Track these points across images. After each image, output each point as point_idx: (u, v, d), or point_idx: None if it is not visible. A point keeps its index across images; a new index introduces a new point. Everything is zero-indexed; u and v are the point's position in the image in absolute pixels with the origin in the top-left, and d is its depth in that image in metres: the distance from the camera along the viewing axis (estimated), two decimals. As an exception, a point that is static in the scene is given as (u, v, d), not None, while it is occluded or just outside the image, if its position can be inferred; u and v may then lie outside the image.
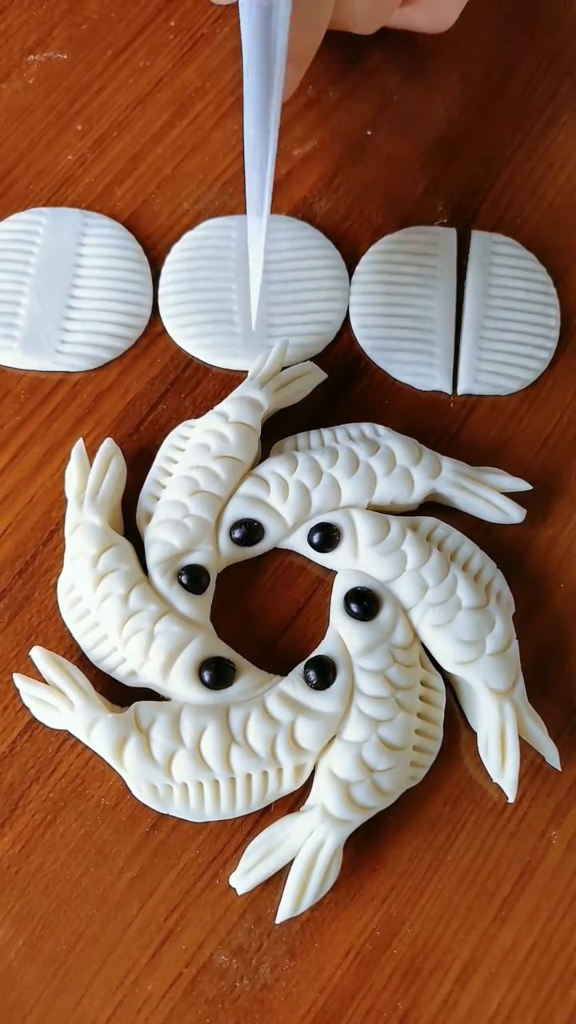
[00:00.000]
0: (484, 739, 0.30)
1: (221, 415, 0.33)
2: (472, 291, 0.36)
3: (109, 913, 0.29)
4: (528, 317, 0.36)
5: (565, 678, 0.32)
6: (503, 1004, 0.28)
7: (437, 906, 0.29)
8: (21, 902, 0.29)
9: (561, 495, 0.34)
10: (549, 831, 0.30)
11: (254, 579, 0.33)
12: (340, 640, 0.31)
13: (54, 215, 0.37)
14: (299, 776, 0.29)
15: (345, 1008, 0.28)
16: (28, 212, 0.37)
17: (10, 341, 0.35)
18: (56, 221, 0.37)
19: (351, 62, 0.40)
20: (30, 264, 0.36)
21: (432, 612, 0.30)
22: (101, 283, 0.36)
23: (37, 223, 0.37)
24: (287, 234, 0.37)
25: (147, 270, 0.36)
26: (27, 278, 0.36)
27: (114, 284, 0.36)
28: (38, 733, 0.31)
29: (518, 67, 0.40)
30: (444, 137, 0.39)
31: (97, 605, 0.31)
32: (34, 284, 0.36)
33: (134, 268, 0.36)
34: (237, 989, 0.28)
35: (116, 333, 0.35)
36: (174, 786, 0.29)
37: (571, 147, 0.39)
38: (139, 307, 0.36)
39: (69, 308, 0.35)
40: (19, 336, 0.35)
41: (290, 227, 0.37)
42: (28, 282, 0.36)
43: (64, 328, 0.35)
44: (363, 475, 0.32)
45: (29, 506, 0.33)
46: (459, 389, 0.35)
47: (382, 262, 0.36)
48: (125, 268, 0.36)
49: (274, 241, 0.36)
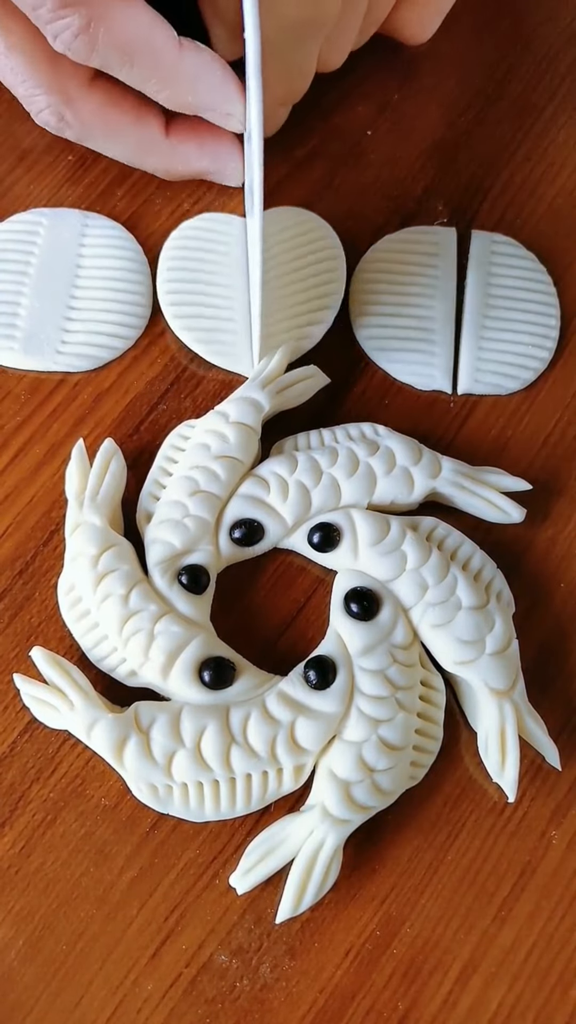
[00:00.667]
0: (484, 739, 0.30)
1: (222, 415, 0.33)
2: (472, 291, 0.36)
3: (109, 913, 0.29)
4: (528, 316, 0.36)
5: (565, 678, 0.32)
6: (503, 1004, 0.28)
7: (437, 906, 0.29)
8: (21, 902, 0.29)
9: (561, 495, 0.34)
10: (549, 831, 0.30)
11: (254, 579, 0.33)
12: (340, 640, 0.31)
13: (55, 215, 0.37)
14: (299, 776, 0.29)
15: (345, 1008, 0.28)
16: (29, 212, 0.37)
17: (10, 342, 0.35)
18: (57, 221, 0.37)
19: (351, 62, 0.40)
20: (30, 264, 0.36)
21: (432, 612, 0.30)
22: (101, 283, 0.36)
23: (38, 223, 0.37)
24: (291, 222, 0.37)
25: (147, 270, 0.36)
26: (27, 279, 0.36)
27: (114, 284, 0.36)
28: (38, 733, 0.31)
29: (518, 67, 0.40)
30: (444, 137, 0.39)
31: (97, 605, 0.31)
32: (34, 285, 0.36)
33: (134, 268, 0.36)
34: (237, 989, 0.28)
35: (116, 333, 0.35)
36: (174, 786, 0.29)
37: (571, 147, 0.39)
38: (139, 307, 0.36)
39: (69, 308, 0.35)
40: (20, 337, 0.35)
41: (293, 216, 0.37)
42: (28, 283, 0.36)
43: (64, 328, 0.35)
44: (363, 475, 0.32)
45: (29, 506, 0.33)
46: (459, 389, 0.35)
47: (382, 261, 0.36)
48: (125, 268, 0.36)
49: (277, 231, 0.36)
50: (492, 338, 0.35)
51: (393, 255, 0.37)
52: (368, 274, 0.36)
